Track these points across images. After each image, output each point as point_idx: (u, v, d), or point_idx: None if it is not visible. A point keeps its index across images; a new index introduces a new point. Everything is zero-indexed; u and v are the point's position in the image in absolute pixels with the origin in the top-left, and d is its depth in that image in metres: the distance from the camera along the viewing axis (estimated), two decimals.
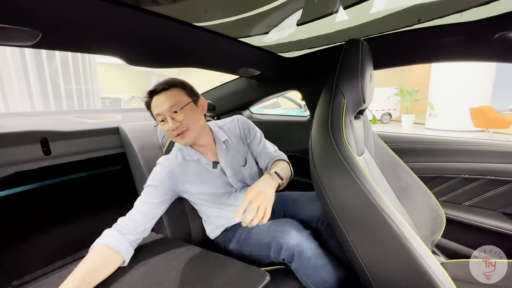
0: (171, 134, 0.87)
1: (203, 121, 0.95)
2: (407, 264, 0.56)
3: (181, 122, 0.85)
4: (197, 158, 0.95)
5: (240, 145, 1.03)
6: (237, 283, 0.63)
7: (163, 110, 0.85)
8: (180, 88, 0.89)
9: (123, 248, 0.73)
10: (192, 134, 0.88)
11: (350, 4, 0.81)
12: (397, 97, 8.37)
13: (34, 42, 0.61)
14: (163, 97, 0.86)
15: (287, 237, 0.81)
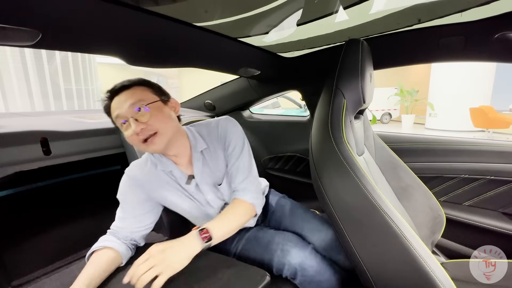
0: (135, 140, 0.70)
1: (176, 125, 0.78)
2: (407, 264, 0.56)
3: (146, 124, 0.70)
4: (170, 169, 0.81)
5: (220, 157, 0.85)
6: (237, 283, 0.63)
7: (124, 110, 0.70)
8: (144, 86, 0.76)
9: (122, 249, 0.74)
10: (162, 139, 0.72)
11: (350, 4, 0.81)
12: (397, 97, 8.37)
13: (34, 42, 0.61)
14: (124, 96, 0.72)
15: (288, 256, 0.77)
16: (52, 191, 1.19)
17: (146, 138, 0.70)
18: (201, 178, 0.82)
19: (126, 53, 0.86)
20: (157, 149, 0.73)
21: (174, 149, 0.78)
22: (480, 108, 5.97)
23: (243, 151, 0.85)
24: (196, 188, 0.82)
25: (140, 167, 0.83)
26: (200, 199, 0.84)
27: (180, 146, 0.80)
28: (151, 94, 0.75)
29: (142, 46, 0.82)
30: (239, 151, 0.84)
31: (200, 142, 0.82)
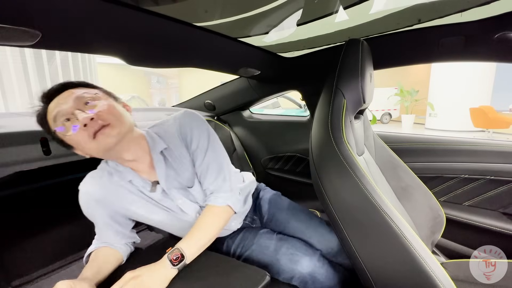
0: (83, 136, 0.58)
1: (131, 123, 0.68)
2: (407, 264, 0.56)
3: (96, 114, 0.59)
4: (130, 179, 0.71)
5: (185, 156, 0.75)
6: (237, 283, 0.63)
7: (67, 106, 0.59)
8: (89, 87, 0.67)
9: (118, 244, 0.75)
10: (115, 131, 0.61)
11: (350, 4, 0.81)
12: (397, 97, 8.37)
13: (34, 42, 0.61)
14: (66, 94, 0.61)
15: (298, 266, 0.75)
16: (52, 191, 1.19)
17: (96, 131, 0.58)
18: (166, 182, 0.72)
19: (126, 53, 0.86)
20: (109, 142, 0.60)
21: (130, 153, 0.68)
22: (480, 108, 5.97)
23: (209, 146, 0.75)
24: (163, 194, 0.74)
25: (95, 180, 0.72)
26: (170, 206, 0.75)
27: (138, 149, 0.70)
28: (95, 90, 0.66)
29: (142, 46, 0.82)
30: (205, 147, 0.75)
31: (159, 142, 0.72)
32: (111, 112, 0.62)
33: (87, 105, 0.61)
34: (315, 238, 0.88)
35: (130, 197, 0.73)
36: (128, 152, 0.68)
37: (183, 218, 0.78)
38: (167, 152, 0.73)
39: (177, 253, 0.64)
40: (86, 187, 0.71)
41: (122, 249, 0.75)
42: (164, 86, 16.80)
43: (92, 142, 0.59)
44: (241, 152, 1.71)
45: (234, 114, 1.74)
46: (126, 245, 0.77)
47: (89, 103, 0.61)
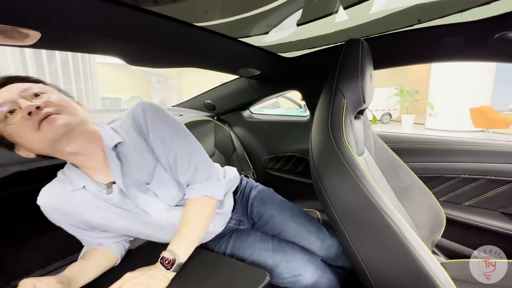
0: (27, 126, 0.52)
1: (84, 118, 0.62)
2: (407, 264, 0.56)
3: (44, 102, 0.54)
4: (83, 185, 0.65)
5: (145, 149, 0.68)
6: (237, 283, 0.63)
7: (14, 94, 0.54)
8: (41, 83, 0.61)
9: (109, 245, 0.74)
10: (64, 119, 0.55)
11: (350, 4, 0.81)
12: (397, 97, 8.37)
13: (34, 42, 0.61)
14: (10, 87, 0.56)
15: (302, 280, 0.74)
16: None
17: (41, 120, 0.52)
18: (123, 180, 0.65)
19: (126, 53, 0.86)
20: (55, 133, 0.54)
21: (85, 149, 0.62)
22: (480, 108, 5.97)
23: (172, 135, 0.68)
24: (121, 195, 0.66)
25: (49, 192, 0.67)
26: (132, 208, 0.68)
27: (92, 147, 0.63)
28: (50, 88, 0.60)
29: (142, 46, 0.82)
30: (168, 138, 0.68)
31: (112, 136, 0.66)
32: (61, 103, 0.56)
33: (35, 97, 0.55)
34: (316, 245, 0.85)
35: (87, 206, 0.66)
36: (75, 145, 0.59)
37: (150, 221, 0.70)
38: (122, 147, 0.66)
39: (168, 257, 0.63)
40: (41, 199, 0.67)
41: (114, 248, 0.74)
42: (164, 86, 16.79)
43: (36, 133, 0.52)
44: (241, 152, 1.71)
45: (234, 114, 1.74)
46: (118, 244, 0.76)
47: (38, 95, 0.56)
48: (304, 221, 0.90)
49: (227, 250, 0.84)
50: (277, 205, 0.93)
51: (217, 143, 1.59)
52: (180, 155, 0.69)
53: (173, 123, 0.70)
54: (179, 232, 0.67)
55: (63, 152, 0.60)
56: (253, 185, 1.01)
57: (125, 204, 0.68)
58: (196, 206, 0.70)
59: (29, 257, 0.89)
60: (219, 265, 0.71)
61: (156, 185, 0.69)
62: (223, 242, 0.85)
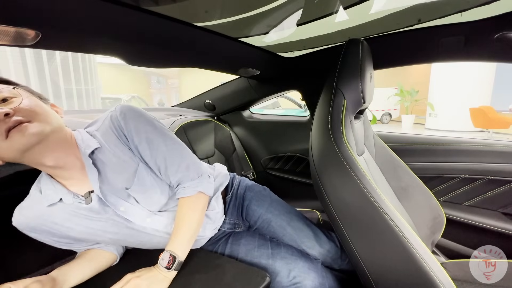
0: None
1: (58, 122, 0.58)
2: (407, 264, 0.56)
3: (13, 109, 0.50)
4: (59, 197, 0.60)
5: (125, 154, 0.65)
6: (237, 283, 0.63)
7: None
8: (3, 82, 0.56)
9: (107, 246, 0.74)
10: (36, 128, 0.51)
11: (350, 4, 0.81)
12: (397, 97, 8.37)
13: (34, 42, 0.61)
14: None
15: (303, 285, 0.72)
16: None
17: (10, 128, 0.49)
18: (101, 188, 0.61)
19: (126, 53, 0.86)
20: (25, 142, 0.50)
21: (53, 157, 0.56)
22: (480, 108, 5.97)
23: (159, 137, 0.67)
24: (101, 203, 0.62)
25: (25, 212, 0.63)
26: (113, 217, 0.64)
27: (69, 157, 0.59)
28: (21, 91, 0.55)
29: (142, 46, 0.82)
30: (155, 139, 0.66)
31: (90, 142, 0.62)
32: (33, 109, 0.52)
33: (4, 102, 0.51)
34: (314, 249, 0.84)
35: (68, 221, 0.62)
36: (50, 157, 0.56)
37: (134, 228, 0.67)
38: (99, 153, 0.62)
39: (168, 256, 0.63)
40: (16, 220, 0.63)
41: (111, 247, 0.74)
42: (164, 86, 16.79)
43: (3, 141, 0.49)
44: (241, 152, 1.71)
45: (234, 114, 1.74)
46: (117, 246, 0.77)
47: (7, 100, 0.51)
48: (302, 226, 0.88)
49: (224, 254, 0.82)
50: (273, 208, 0.90)
51: (217, 143, 1.59)
52: (169, 155, 0.67)
53: (156, 124, 0.68)
54: (175, 231, 0.66)
55: (38, 163, 0.56)
56: (247, 184, 0.97)
57: (107, 214, 0.64)
58: (190, 203, 0.69)
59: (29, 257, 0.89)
60: (219, 265, 0.71)
61: (136, 190, 0.65)
62: (219, 246, 0.83)
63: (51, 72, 4.29)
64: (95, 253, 0.72)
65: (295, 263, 0.76)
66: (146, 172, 0.67)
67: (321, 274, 0.77)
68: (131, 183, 0.65)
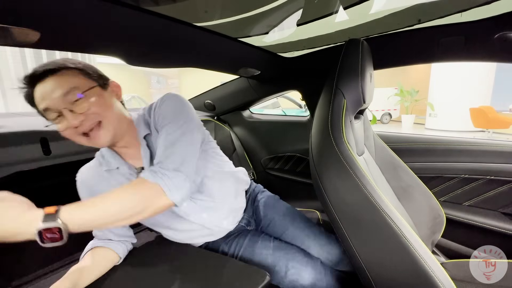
0: (74, 134, 0.60)
1: (120, 112, 0.67)
2: (407, 264, 0.56)
3: (85, 114, 0.59)
4: (117, 166, 0.70)
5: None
6: (237, 283, 0.63)
7: (55, 102, 0.57)
8: (74, 69, 0.61)
9: (112, 245, 0.74)
10: (107, 131, 0.62)
11: (350, 4, 0.81)
12: (397, 97, 8.37)
13: (34, 42, 0.61)
14: (51, 84, 0.58)
15: (300, 280, 0.73)
16: (52, 191, 1.19)
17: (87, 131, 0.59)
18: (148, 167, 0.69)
19: (126, 53, 0.86)
20: (102, 143, 0.62)
21: (122, 140, 0.68)
22: (480, 108, 5.97)
23: (171, 121, 0.67)
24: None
25: (87, 170, 0.74)
26: None
27: (130, 136, 0.69)
28: (84, 79, 0.61)
29: (142, 46, 0.82)
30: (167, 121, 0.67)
31: (142, 128, 0.70)
32: (100, 106, 0.61)
33: (75, 102, 0.58)
34: (314, 249, 0.86)
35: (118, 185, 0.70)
36: (124, 138, 0.68)
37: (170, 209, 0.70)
38: (149, 138, 0.71)
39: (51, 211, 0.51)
40: (80, 176, 0.74)
41: (118, 248, 0.75)
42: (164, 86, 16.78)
43: (84, 140, 0.62)
44: (241, 152, 1.71)
45: (234, 114, 1.74)
46: (123, 244, 0.77)
47: (78, 100, 0.58)
48: (304, 227, 0.90)
49: (231, 249, 0.85)
50: (279, 210, 0.96)
51: (217, 143, 1.59)
52: (168, 136, 0.65)
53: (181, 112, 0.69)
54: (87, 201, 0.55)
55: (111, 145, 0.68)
56: (261, 189, 1.06)
57: None
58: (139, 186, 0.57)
59: (29, 257, 0.89)
60: (219, 265, 0.71)
61: None
62: (229, 241, 0.86)
63: None
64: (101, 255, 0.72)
65: (293, 256, 0.79)
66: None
67: (319, 270, 0.78)
68: None
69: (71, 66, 0.61)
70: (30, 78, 0.59)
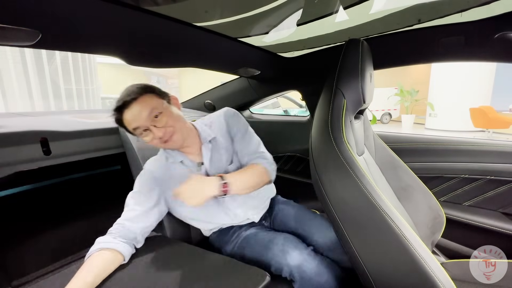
0: (157, 143, 0.81)
1: (184, 120, 0.89)
2: (407, 264, 0.56)
3: (164, 127, 0.79)
4: (181, 159, 0.90)
5: (228, 143, 0.95)
6: (237, 283, 0.63)
7: (142, 122, 0.77)
8: (149, 93, 0.81)
9: (119, 246, 0.73)
10: (179, 136, 0.83)
11: (350, 4, 0.81)
12: (397, 97, 8.37)
13: (34, 42, 0.61)
14: (137, 108, 0.77)
15: (287, 258, 0.78)
16: (52, 191, 1.19)
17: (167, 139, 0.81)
18: (210, 164, 0.90)
19: (126, 53, 0.86)
20: (176, 145, 0.84)
21: (187, 140, 0.88)
22: (480, 108, 5.97)
23: (247, 132, 0.97)
24: (205, 174, 0.90)
25: (155, 162, 0.92)
26: None
27: (191, 138, 0.90)
28: (157, 99, 0.81)
29: (142, 46, 0.83)
30: (244, 130, 0.97)
31: (208, 133, 0.92)
32: (173, 120, 0.82)
33: (156, 118, 0.78)
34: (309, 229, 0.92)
35: (179, 175, 0.88)
36: (187, 140, 0.87)
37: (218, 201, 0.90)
38: (213, 141, 0.92)
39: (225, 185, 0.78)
40: (149, 166, 0.91)
41: (124, 251, 0.74)
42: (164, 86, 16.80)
43: (163, 145, 0.82)
44: None
45: None
46: (130, 246, 0.77)
47: (157, 117, 0.78)
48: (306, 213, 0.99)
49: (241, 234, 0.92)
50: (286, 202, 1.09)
51: None
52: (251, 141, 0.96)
53: (247, 125, 0.99)
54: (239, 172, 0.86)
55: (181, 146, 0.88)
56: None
57: None
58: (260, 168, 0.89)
59: (29, 257, 0.89)
60: (219, 265, 0.71)
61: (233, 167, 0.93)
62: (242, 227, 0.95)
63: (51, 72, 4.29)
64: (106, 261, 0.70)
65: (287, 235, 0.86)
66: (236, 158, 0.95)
67: (309, 252, 0.81)
68: (231, 161, 0.93)
69: (147, 91, 0.80)
70: (119, 108, 0.78)
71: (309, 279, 0.76)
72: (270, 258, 0.81)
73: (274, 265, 0.80)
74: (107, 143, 1.13)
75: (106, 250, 0.72)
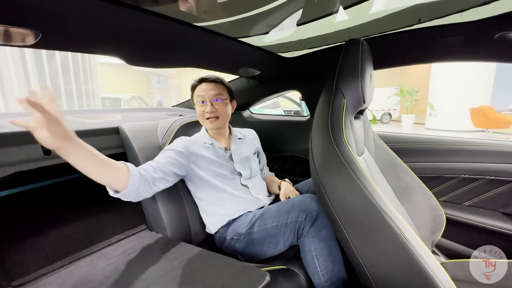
0: (203, 116, 1.03)
1: (229, 119, 1.12)
2: (407, 264, 0.56)
3: (217, 109, 1.02)
4: (212, 142, 1.09)
5: (251, 147, 1.22)
6: (237, 283, 0.63)
7: (209, 95, 1.02)
8: (225, 86, 1.08)
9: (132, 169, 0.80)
10: (220, 123, 1.05)
11: (350, 4, 0.81)
12: (397, 97, 8.37)
13: (34, 42, 0.61)
14: (212, 85, 1.03)
15: (309, 204, 0.85)
16: (52, 191, 1.19)
17: (210, 117, 1.02)
18: (234, 150, 1.12)
19: (126, 53, 0.86)
20: (214, 127, 1.05)
21: (222, 131, 1.12)
22: (480, 108, 5.97)
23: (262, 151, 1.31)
24: (229, 157, 1.10)
25: (189, 139, 1.08)
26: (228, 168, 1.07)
27: (225, 131, 1.14)
28: (226, 93, 1.07)
29: (142, 46, 0.82)
30: (262, 151, 1.31)
31: (238, 134, 1.20)
32: (224, 111, 1.06)
33: (216, 101, 1.03)
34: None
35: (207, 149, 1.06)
36: (222, 130, 1.12)
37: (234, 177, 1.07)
38: (240, 140, 1.19)
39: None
40: (186, 139, 1.06)
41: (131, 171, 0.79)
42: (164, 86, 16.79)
43: (205, 121, 1.05)
44: None
45: (234, 114, 1.73)
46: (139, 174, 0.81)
47: (217, 100, 1.03)
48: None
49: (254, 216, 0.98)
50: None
51: None
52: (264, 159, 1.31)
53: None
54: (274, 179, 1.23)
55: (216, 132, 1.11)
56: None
57: (228, 163, 1.08)
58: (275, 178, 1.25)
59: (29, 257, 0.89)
60: (219, 265, 0.71)
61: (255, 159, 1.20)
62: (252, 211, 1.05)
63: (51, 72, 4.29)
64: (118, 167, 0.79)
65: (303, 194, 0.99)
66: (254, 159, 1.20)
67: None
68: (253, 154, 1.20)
69: (224, 83, 1.08)
70: (201, 79, 1.06)
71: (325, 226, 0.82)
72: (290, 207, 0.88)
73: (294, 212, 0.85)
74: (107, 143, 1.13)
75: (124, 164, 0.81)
